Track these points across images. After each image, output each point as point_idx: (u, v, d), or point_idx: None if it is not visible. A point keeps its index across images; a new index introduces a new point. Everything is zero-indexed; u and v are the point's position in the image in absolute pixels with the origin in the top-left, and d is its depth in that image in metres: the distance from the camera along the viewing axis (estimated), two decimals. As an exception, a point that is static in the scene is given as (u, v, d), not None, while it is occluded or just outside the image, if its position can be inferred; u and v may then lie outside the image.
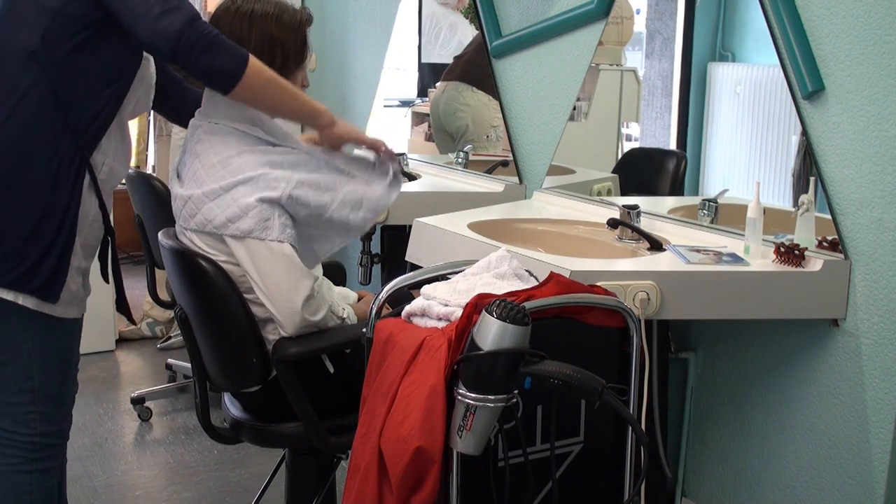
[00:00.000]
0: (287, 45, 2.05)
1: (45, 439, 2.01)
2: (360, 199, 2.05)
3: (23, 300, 1.89)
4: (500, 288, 1.66)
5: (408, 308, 1.72)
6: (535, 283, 1.73)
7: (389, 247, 3.25)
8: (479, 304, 1.52)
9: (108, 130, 1.97)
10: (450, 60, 3.62)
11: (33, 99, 1.86)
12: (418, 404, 1.51)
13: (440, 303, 1.67)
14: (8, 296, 1.88)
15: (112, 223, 2.06)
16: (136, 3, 1.78)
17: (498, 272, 1.77)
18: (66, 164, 1.89)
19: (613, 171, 2.91)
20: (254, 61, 1.87)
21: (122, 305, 2.19)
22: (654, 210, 2.45)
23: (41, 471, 2.02)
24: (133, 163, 4.56)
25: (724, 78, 2.59)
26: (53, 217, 1.88)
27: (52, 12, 1.83)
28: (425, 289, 1.73)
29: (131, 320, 2.33)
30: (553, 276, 1.69)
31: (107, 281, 2.13)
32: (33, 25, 1.84)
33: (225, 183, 1.95)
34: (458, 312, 1.61)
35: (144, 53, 1.98)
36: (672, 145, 2.76)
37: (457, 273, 1.83)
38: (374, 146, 2.10)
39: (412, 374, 1.56)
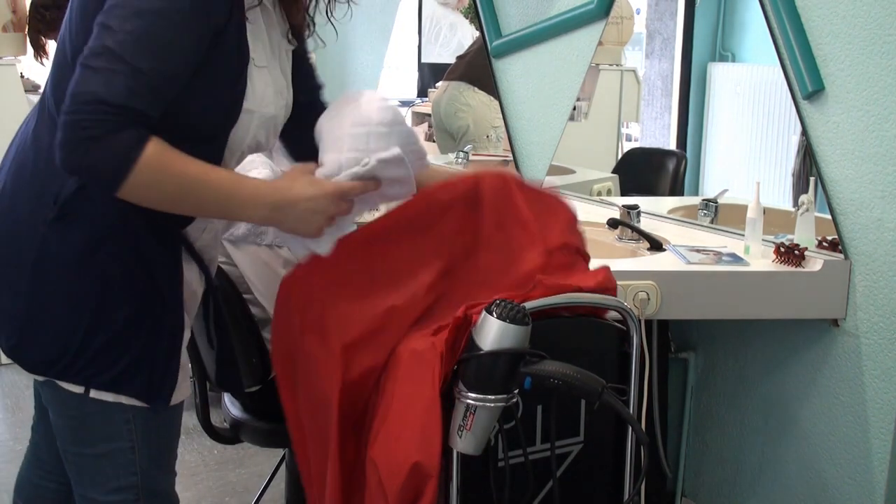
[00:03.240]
0: None
1: None
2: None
3: (126, 400, 1.52)
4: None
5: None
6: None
7: (389, 247, 3.24)
8: (468, 315, 1.50)
9: None
10: (449, 60, 3.63)
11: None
12: (414, 420, 1.48)
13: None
14: (107, 397, 1.50)
15: (213, 277, 1.64)
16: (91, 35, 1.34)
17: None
18: (158, 248, 1.48)
19: (613, 171, 2.91)
20: (145, 176, 1.32)
21: (225, 377, 1.70)
22: (654, 210, 2.45)
23: None
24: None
25: (724, 78, 2.59)
26: (152, 306, 1.49)
27: None
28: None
29: (237, 390, 1.81)
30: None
31: (212, 346, 1.73)
32: None
33: None
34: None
35: (258, 91, 1.48)
36: (672, 145, 2.76)
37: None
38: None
39: (404, 385, 1.52)
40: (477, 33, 3.27)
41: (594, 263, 2.08)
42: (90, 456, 1.57)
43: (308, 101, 1.70)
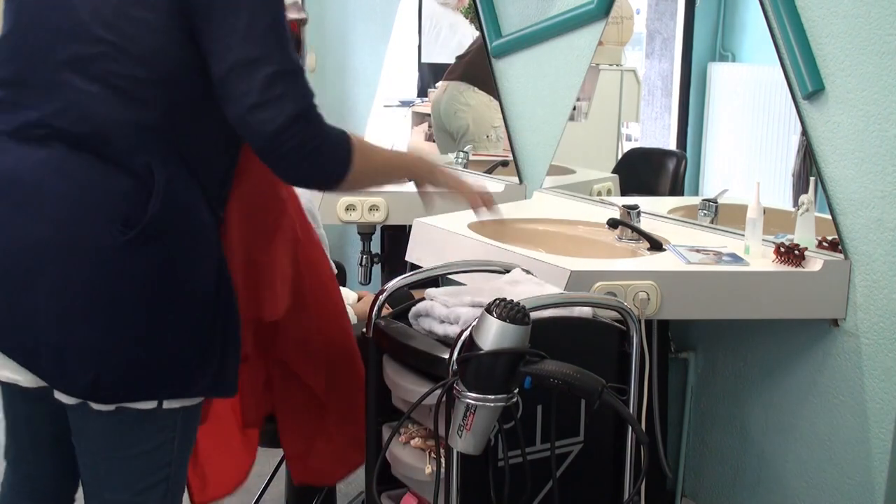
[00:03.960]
0: None
1: None
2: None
3: (189, 402, 1.52)
4: (511, 292, 1.66)
5: (414, 309, 1.73)
6: (556, 291, 1.74)
7: (389, 247, 3.25)
8: None
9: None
10: (449, 60, 3.62)
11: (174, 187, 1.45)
12: None
13: (441, 304, 1.67)
14: (175, 404, 1.50)
15: None
16: (233, 76, 1.37)
17: (509, 279, 1.77)
18: (218, 239, 1.52)
19: (613, 171, 2.91)
20: (358, 158, 1.47)
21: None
22: (654, 210, 2.45)
23: None
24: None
25: (724, 78, 2.59)
26: (219, 299, 1.50)
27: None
28: (429, 291, 1.73)
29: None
30: None
31: None
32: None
33: None
34: (460, 312, 1.62)
35: None
36: (672, 145, 2.76)
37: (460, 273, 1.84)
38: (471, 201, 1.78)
39: None
40: (477, 33, 3.27)
41: (594, 263, 2.09)
42: (126, 458, 1.52)
43: None
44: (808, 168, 2.17)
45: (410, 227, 2.42)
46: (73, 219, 1.39)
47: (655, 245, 2.22)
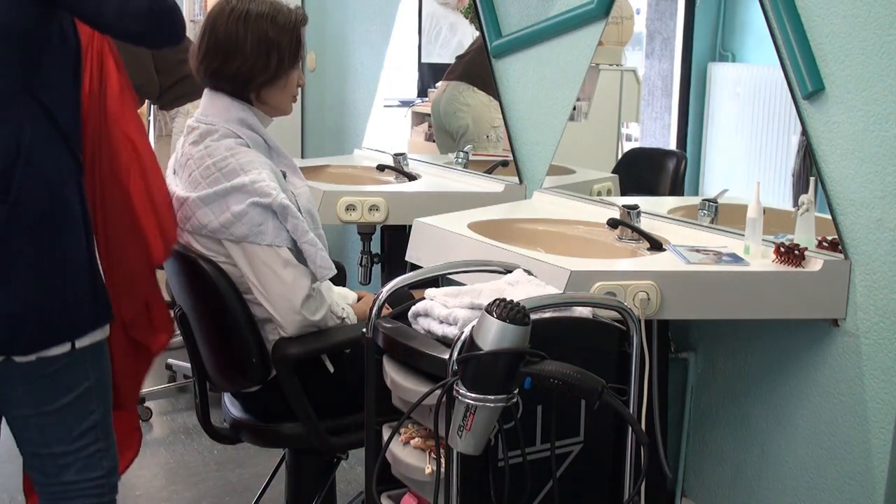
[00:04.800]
0: (283, 46, 2.06)
1: (111, 478, 1.77)
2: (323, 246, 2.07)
3: (90, 338, 1.67)
4: (511, 293, 1.66)
5: (413, 308, 1.73)
6: (555, 291, 1.73)
7: (389, 247, 3.25)
8: None
9: None
10: (450, 60, 3.63)
11: (37, 136, 1.58)
12: None
13: (440, 304, 1.68)
14: (86, 341, 1.66)
15: None
16: None
17: (511, 279, 1.78)
18: (76, 180, 1.65)
19: (613, 171, 2.91)
20: None
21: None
22: (654, 210, 2.45)
23: None
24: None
25: (724, 78, 2.59)
26: (83, 238, 1.65)
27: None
28: (429, 291, 1.74)
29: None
30: None
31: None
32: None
33: (219, 188, 1.96)
34: (459, 313, 1.62)
35: None
36: (672, 145, 2.76)
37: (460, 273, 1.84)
38: None
39: None
40: (477, 33, 3.27)
41: (594, 263, 2.09)
42: (51, 412, 1.67)
43: None
44: (808, 168, 2.17)
45: (410, 227, 2.43)
46: None
47: (655, 245, 2.22)
